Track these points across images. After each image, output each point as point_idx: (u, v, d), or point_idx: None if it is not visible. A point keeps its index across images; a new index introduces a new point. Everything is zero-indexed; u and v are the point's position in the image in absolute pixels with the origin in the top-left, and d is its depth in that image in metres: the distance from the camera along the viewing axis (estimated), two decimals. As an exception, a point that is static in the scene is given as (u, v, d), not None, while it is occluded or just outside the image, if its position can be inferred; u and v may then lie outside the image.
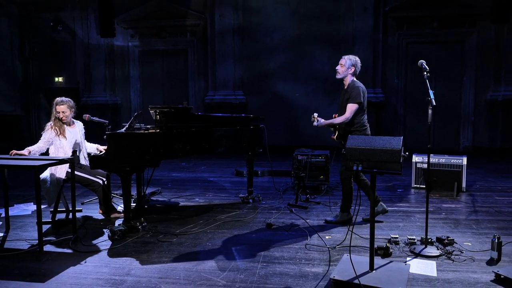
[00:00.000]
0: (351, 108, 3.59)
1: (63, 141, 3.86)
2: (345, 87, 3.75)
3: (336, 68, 3.74)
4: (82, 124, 4.20)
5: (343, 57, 3.73)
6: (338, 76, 3.74)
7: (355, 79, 3.74)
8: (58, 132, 3.84)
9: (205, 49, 10.13)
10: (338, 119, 3.66)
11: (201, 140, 4.03)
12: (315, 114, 3.72)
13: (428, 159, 3.24)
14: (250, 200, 4.69)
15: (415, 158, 5.27)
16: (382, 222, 3.89)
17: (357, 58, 3.72)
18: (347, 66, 3.68)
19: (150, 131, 3.88)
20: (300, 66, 9.73)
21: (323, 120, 3.74)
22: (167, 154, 3.72)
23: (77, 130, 4.05)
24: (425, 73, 3.20)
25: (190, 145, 3.87)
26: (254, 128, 4.61)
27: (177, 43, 10.32)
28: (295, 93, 9.80)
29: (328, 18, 9.53)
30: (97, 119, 4.32)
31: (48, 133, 3.84)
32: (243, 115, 5.05)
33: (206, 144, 4.07)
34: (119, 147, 3.48)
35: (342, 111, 3.70)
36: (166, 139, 3.73)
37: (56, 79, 10.85)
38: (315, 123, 3.72)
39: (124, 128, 3.83)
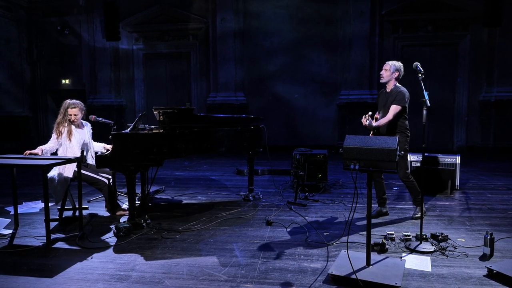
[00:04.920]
0: (394, 109, 3.68)
1: (73, 142, 3.93)
2: (388, 90, 3.85)
3: (381, 73, 3.84)
4: (90, 125, 4.26)
5: (387, 62, 3.83)
6: (382, 80, 3.83)
7: (397, 83, 3.82)
8: (65, 133, 3.89)
9: (207, 52, 10.25)
10: (382, 121, 3.73)
11: (203, 140, 4.07)
12: (370, 113, 3.78)
13: (423, 158, 3.32)
14: (251, 198, 4.75)
15: (410, 157, 5.32)
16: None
17: (401, 64, 3.81)
18: (392, 70, 3.78)
19: (154, 131, 3.91)
20: (298, 69, 9.85)
21: (371, 120, 3.77)
22: (171, 154, 3.76)
23: (85, 131, 4.11)
24: (419, 75, 3.29)
25: (192, 144, 3.92)
26: (255, 128, 4.66)
27: (180, 46, 10.45)
28: (294, 95, 9.91)
29: (326, 22, 9.64)
30: (102, 119, 4.38)
31: (55, 135, 3.92)
32: (243, 115, 5.10)
33: (208, 144, 4.11)
34: (124, 147, 3.53)
35: (385, 112, 3.80)
36: (169, 139, 3.77)
37: (63, 81, 11.00)
38: (367, 122, 3.71)
39: (129, 129, 3.87)
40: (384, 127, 3.80)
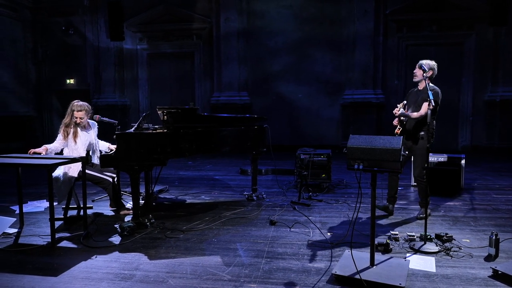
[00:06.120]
0: (427, 106, 3.66)
1: (78, 144, 3.96)
2: (420, 89, 3.82)
3: (414, 71, 3.80)
4: (96, 124, 4.28)
5: (420, 61, 3.78)
6: (416, 79, 3.80)
7: (431, 82, 3.78)
8: (69, 136, 3.92)
9: (211, 51, 10.27)
10: (414, 114, 3.72)
11: (207, 140, 4.08)
12: (405, 102, 3.77)
13: (427, 158, 3.30)
14: (254, 198, 4.75)
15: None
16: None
17: (435, 63, 3.77)
18: (425, 69, 3.74)
19: (158, 131, 3.93)
20: (302, 68, 9.84)
21: (403, 110, 3.77)
22: (174, 153, 3.78)
23: (91, 133, 4.13)
24: (424, 74, 3.28)
25: (196, 144, 3.93)
26: (258, 128, 4.67)
27: (184, 46, 10.48)
28: (298, 94, 9.90)
29: (330, 22, 9.63)
30: (107, 119, 4.39)
31: (62, 135, 3.95)
32: (247, 115, 5.11)
33: (211, 143, 4.13)
34: (128, 146, 3.55)
35: (415, 110, 3.77)
36: (173, 139, 3.78)
37: (68, 81, 11.06)
38: (400, 111, 3.71)
39: (133, 128, 3.89)
40: (411, 124, 3.78)
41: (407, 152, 3.80)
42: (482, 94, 9.21)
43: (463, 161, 5.09)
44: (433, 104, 3.13)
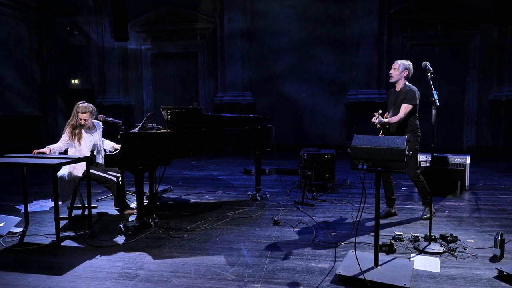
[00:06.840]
0: (405, 108, 3.65)
1: (83, 145, 3.99)
2: (397, 90, 3.82)
3: (390, 72, 3.82)
4: (101, 125, 4.30)
5: (396, 61, 3.79)
6: (392, 80, 3.81)
7: (407, 82, 3.79)
8: (75, 138, 3.96)
9: (215, 51, 10.29)
10: (394, 119, 3.70)
11: (211, 140, 4.09)
12: (380, 111, 3.76)
13: (432, 158, 3.28)
14: (258, 198, 4.75)
15: (419, 157, 5.25)
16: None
17: (410, 63, 3.76)
18: (401, 69, 3.75)
19: (161, 131, 3.94)
20: (306, 68, 9.83)
21: (381, 118, 3.75)
22: (178, 153, 3.78)
23: (96, 134, 4.15)
24: (429, 74, 3.26)
25: (200, 144, 3.94)
26: (262, 128, 4.66)
27: (188, 46, 10.52)
28: (302, 94, 9.90)
29: (333, 21, 9.62)
30: (111, 119, 4.41)
31: (67, 136, 3.98)
32: (251, 115, 5.11)
33: (215, 143, 4.13)
34: (132, 146, 3.56)
35: (395, 112, 3.77)
36: (177, 139, 3.79)
37: (72, 81, 11.14)
38: (377, 120, 3.69)
39: (137, 128, 3.90)
40: (394, 126, 3.76)
41: (411, 152, 3.78)
42: (487, 94, 9.16)
43: (468, 161, 5.03)
44: (437, 104, 3.10)
